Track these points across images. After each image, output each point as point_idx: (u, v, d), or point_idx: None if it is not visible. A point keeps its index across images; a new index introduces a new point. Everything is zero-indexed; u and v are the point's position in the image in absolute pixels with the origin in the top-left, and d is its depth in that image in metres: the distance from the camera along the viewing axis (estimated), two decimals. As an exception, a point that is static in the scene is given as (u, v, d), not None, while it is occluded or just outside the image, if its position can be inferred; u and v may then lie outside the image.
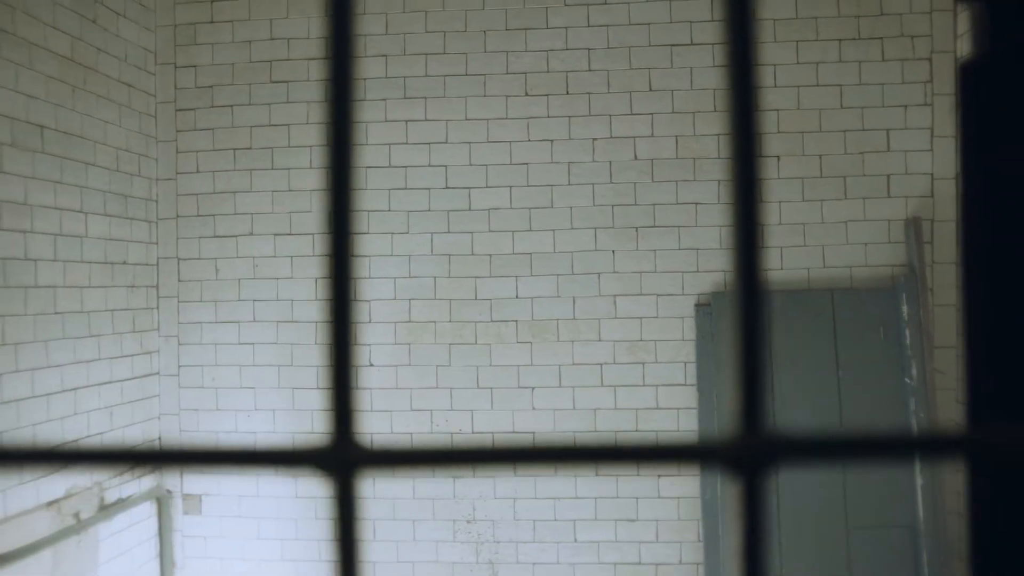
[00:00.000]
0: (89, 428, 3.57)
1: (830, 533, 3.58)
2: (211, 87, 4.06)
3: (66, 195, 3.41)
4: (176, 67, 4.08)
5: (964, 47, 3.70)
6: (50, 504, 3.39)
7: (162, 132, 4.08)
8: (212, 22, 4.06)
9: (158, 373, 4.03)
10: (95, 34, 3.64)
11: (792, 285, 3.80)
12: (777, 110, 3.83)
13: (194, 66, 4.07)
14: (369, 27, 3.98)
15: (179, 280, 4.05)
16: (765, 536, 0.36)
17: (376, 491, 3.93)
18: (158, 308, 4.06)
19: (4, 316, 3.08)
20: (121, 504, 3.73)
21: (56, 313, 3.35)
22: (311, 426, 3.94)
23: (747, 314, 0.36)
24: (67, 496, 3.47)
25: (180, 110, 4.07)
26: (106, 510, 3.63)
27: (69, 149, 3.44)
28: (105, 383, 3.66)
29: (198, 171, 4.04)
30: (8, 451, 0.38)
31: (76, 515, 3.54)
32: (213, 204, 4.04)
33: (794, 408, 3.65)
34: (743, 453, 0.35)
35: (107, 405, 3.68)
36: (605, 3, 3.92)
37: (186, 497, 4.03)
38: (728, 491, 3.70)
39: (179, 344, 4.04)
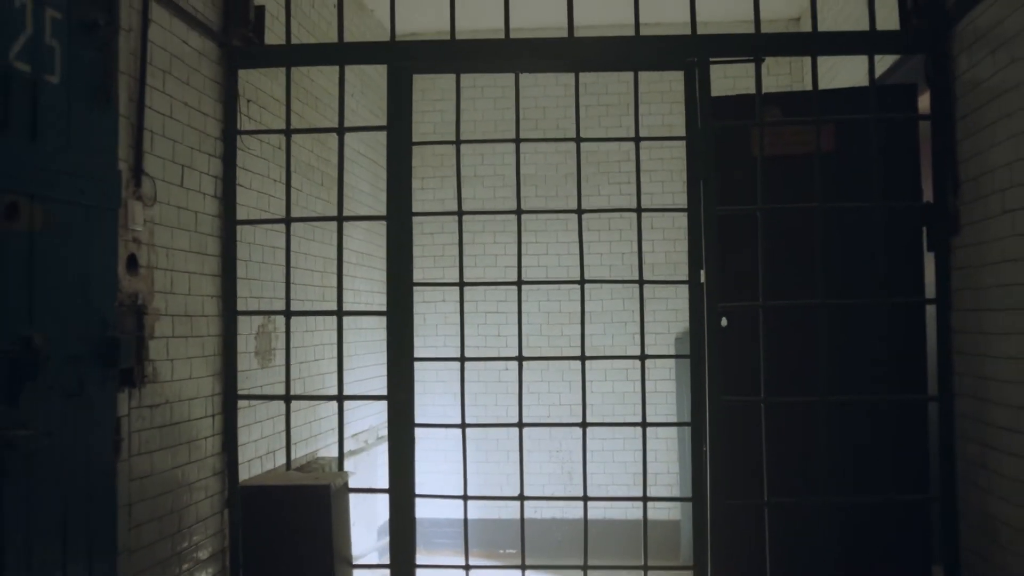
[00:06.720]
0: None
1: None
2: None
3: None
4: (402, 210, 7.72)
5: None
6: (355, 435, 6.96)
7: (394, 245, 7.71)
8: (422, 177, 7.68)
9: (391, 372, 7.62)
10: (378, 192, 7.26)
11: (725, 329, 7.42)
12: (718, 238, 7.45)
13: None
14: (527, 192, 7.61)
15: (403, 323, 7.66)
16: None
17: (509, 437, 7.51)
18: (392, 338, 7.67)
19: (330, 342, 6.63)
20: (383, 438, 7.30)
21: (358, 328, 6.94)
22: (478, 375, 7.53)
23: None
24: (361, 432, 7.03)
25: (404, 233, 7.70)
26: (380, 439, 7.19)
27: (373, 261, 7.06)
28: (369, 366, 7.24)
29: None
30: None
31: (366, 441, 7.10)
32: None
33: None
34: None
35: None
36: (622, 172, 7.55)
37: (405, 438, 7.60)
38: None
39: (403, 357, 7.62)
